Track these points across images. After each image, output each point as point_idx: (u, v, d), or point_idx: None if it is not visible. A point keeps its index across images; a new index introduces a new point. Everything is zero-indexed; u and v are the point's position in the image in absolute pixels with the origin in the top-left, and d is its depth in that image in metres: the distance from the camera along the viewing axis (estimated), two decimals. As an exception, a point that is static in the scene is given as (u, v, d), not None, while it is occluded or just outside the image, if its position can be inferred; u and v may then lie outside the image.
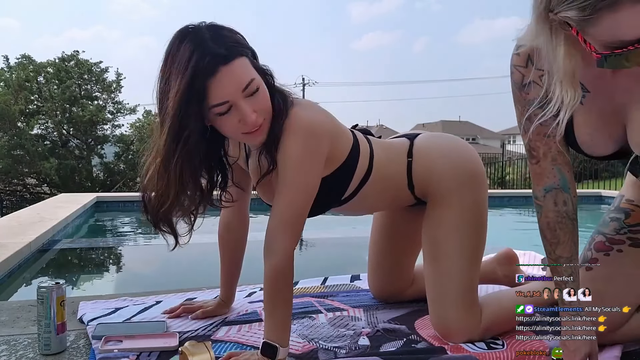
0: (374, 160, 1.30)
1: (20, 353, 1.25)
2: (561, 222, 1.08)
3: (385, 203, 1.43)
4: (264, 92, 1.09)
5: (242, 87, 1.04)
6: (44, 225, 3.56)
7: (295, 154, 1.11)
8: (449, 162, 1.33)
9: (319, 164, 1.15)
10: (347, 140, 1.25)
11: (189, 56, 1.02)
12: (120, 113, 16.09)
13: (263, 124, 1.09)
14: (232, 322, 1.43)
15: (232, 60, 1.03)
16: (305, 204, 1.15)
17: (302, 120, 1.12)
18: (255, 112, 1.06)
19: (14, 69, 14.70)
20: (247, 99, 1.05)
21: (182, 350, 1.10)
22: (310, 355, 1.22)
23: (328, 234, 3.97)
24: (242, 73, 1.04)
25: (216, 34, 1.05)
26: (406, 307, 1.56)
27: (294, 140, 1.11)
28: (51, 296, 1.21)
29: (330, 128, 1.20)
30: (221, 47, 1.03)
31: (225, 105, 1.05)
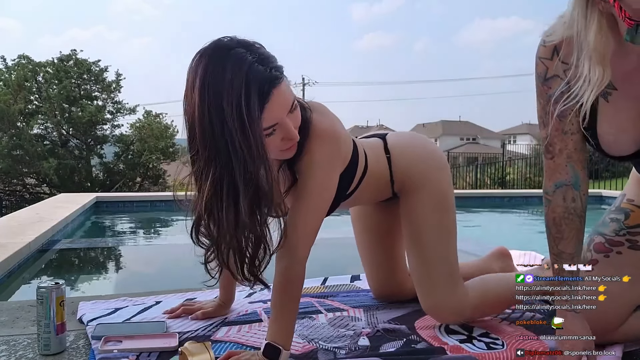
0: (368, 161, 1.35)
1: (20, 353, 1.25)
2: (568, 217, 1.09)
3: (368, 198, 1.48)
4: (298, 106, 1.09)
5: (290, 107, 1.04)
6: (43, 226, 3.56)
7: (321, 160, 1.13)
8: (419, 154, 1.42)
9: (338, 169, 1.19)
10: (350, 142, 1.28)
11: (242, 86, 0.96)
12: (119, 113, 16.09)
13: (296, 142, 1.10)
14: (232, 323, 1.43)
15: (282, 81, 1.01)
16: (326, 209, 1.18)
17: (324, 126, 1.14)
18: (295, 128, 1.06)
19: (12, 69, 14.68)
20: (289, 116, 1.04)
21: (181, 350, 1.10)
22: (310, 356, 1.22)
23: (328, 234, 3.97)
24: (289, 92, 1.04)
25: (258, 54, 1.00)
26: (406, 308, 1.56)
27: (320, 146, 1.12)
28: (51, 296, 1.21)
29: (343, 132, 1.23)
30: (270, 69, 0.99)
31: (275, 126, 1.03)
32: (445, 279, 1.35)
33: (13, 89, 14.06)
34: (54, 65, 15.23)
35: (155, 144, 15.30)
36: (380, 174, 1.39)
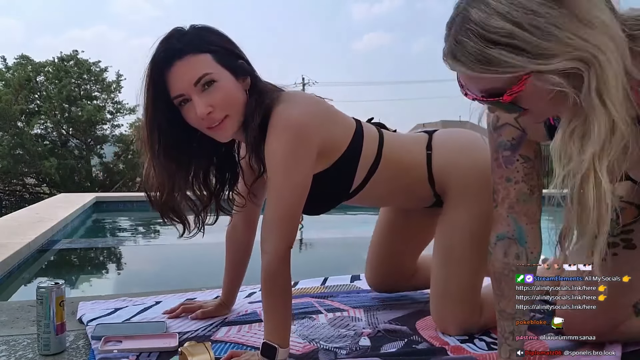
0: (384, 147, 1.27)
1: (20, 353, 1.25)
2: (508, 275, 1.01)
3: (400, 196, 1.39)
4: (225, 88, 1.09)
5: (194, 81, 1.07)
6: (43, 225, 3.56)
7: (279, 154, 1.09)
8: (470, 158, 1.30)
9: (306, 162, 1.12)
10: (346, 129, 1.23)
11: (153, 52, 1.09)
12: (119, 113, 16.09)
13: (226, 120, 1.10)
14: (232, 323, 1.43)
15: (187, 55, 1.06)
16: (294, 204, 1.12)
17: (285, 119, 1.10)
18: (212, 106, 1.08)
19: (13, 69, 14.68)
20: (202, 94, 1.07)
21: (181, 350, 1.10)
22: (311, 356, 1.22)
23: (328, 234, 3.97)
24: (195, 68, 1.07)
25: (186, 32, 1.09)
26: (407, 308, 1.56)
27: (277, 140, 1.09)
28: (50, 296, 1.21)
29: (320, 118, 1.16)
30: (180, 44, 1.07)
31: (181, 97, 1.09)
32: (464, 304, 1.31)
33: (14, 88, 14.06)
34: (54, 65, 15.23)
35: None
36: (408, 168, 1.30)
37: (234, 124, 1.11)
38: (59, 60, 15.30)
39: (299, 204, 1.13)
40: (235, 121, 1.11)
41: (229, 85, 1.09)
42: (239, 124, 1.12)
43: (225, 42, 1.13)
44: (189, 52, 1.07)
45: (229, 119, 1.10)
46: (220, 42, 1.11)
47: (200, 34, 1.10)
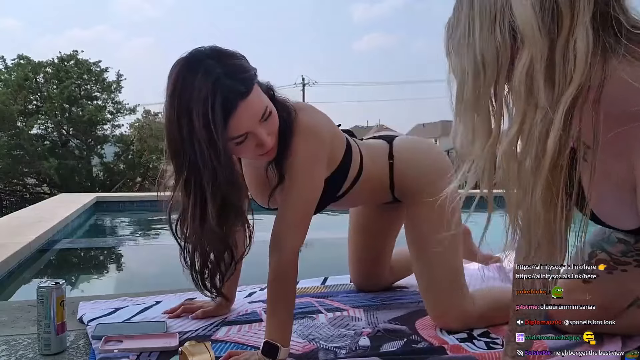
0: (364, 163, 1.36)
1: (20, 353, 1.25)
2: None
3: (365, 200, 1.51)
4: (275, 113, 1.12)
5: (260, 117, 1.07)
6: (43, 225, 3.56)
7: (303, 155, 1.16)
8: (424, 162, 1.42)
9: (323, 164, 1.21)
10: (342, 143, 1.31)
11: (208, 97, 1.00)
12: (120, 113, 16.09)
13: (273, 148, 1.14)
14: (232, 322, 1.43)
15: (248, 95, 1.04)
16: (312, 203, 1.20)
17: (307, 123, 1.17)
18: (269, 134, 1.10)
19: (12, 69, 14.68)
20: (262, 124, 1.09)
21: (182, 350, 1.10)
22: (311, 356, 1.22)
23: (328, 234, 3.97)
24: (259, 103, 1.07)
25: (227, 66, 1.04)
26: (407, 308, 1.56)
27: (302, 142, 1.16)
28: (51, 296, 1.21)
29: (330, 129, 1.26)
30: (237, 82, 1.02)
31: (243, 136, 1.07)
32: (452, 287, 1.37)
33: (13, 89, 14.05)
34: (54, 65, 15.23)
35: (155, 143, 15.30)
36: (379, 179, 1.41)
37: (275, 143, 1.14)
38: (58, 61, 15.30)
39: (315, 204, 1.21)
40: (275, 140, 1.14)
41: (274, 109, 1.12)
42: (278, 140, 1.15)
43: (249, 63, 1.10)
44: (249, 87, 1.04)
45: (274, 138, 1.13)
46: (250, 65, 1.10)
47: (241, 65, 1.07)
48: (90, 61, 15.66)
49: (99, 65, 15.75)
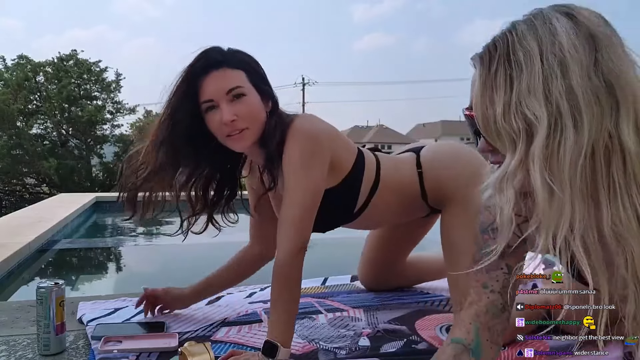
0: (381, 170, 1.35)
1: (20, 353, 1.25)
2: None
3: (399, 215, 1.47)
4: (251, 101, 1.18)
5: (226, 90, 1.16)
6: (43, 225, 3.55)
7: (296, 157, 1.17)
8: (457, 169, 1.38)
9: (321, 166, 1.20)
10: (350, 150, 1.31)
11: (192, 60, 1.18)
12: (119, 113, 16.08)
13: (246, 131, 1.18)
14: (232, 323, 1.43)
15: (224, 67, 1.17)
16: (309, 205, 1.18)
17: (301, 126, 1.20)
18: (236, 115, 1.16)
19: (12, 69, 14.67)
20: (230, 103, 1.16)
21: (181, 350, 1.10)
22: (311, 356, 1.22)
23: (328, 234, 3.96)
24: (230, 79, 1.17)
25: (224, 49, 1.20)
26: (407, 308, 1.56)
27: (294, 144, 1.18)
28: (50, 296, 1.21)
29: (331, 134, 1.25)
30: (220, 56, 1.18)
31: (210, 103, 1.17)
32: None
33: (13, 88, 14.04)
34: (54, 65, 15.21)
35: (155, 143, 15.29)
36: (404, 188, 1.38)
37: (252, 137, 1.20)
38: (58, 60, 15.29)
39: (313, 207, 1.19)
40: (253, 134, 1.19)
41: (255, 101, 1.19)
42: (255, 138, 1.20)
43: (258, 66, 1.23)
44: (227, 65, 1.17)
45: (248, 131, 1.18)
46: (254, 65, 1.22)
47: (237, 54, 1.21)
48: (89, 61, 15.65)
49: (98, 65, 15.74)
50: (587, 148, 0.67)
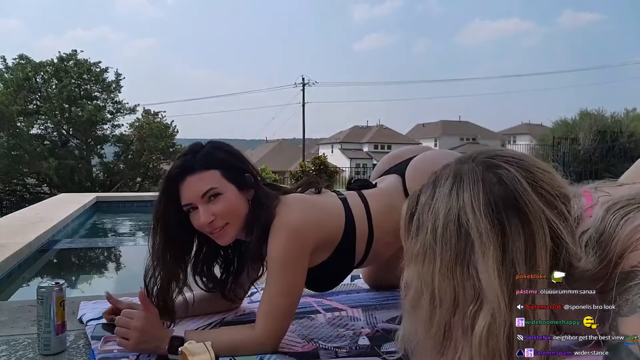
0: (373, 220, 1.37)
1: (20, 353, 1.25)
2: None
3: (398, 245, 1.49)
4: (227, 200, 1.23)
5: (201, 194, 1.21)
6: (43, 225, 3.56)
7: (279, 255, 1.21)
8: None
9: (300, 262, 1.23)
10: (338, 218, 1.34)
11: (170, 167, 1.28)
12: (119, 113, 16.09)
13: (227, 227, 1.24)
14: (231, 323, 1.43)
15: (197, 171, 1.22)
16: (287, 305, 1.22)
17: (282, 220, 1.23)
18: (214, 215, 1.21)
19: (12, 69, 14.67)
20: (207, 204, 1.22)
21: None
22: (311, 355, 1.22)
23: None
24: (204, 182, 1.21)
25: (200, 150, 1.26)
26: (406, 307, 1.56)
27: (277, 241, 1.21)
28: (51, 296, 1.21)
29: (316, 223, 1.28)
30: (193, 160, 1.23)
31: (190, 206, 1.23)
32: None
33: (12, 89, 14.04)
34: (54, 65, 15.22)
35: (155, 143, 15.30)
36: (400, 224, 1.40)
37: (234, 231, 1.25)
38: (58, 60, 15.29)
39: (291, 305, 1.23)
40: (235, 228, 1.25)
41: (231, 197, 1.23)
42: (238, 230, 1.26)
43: (234, 159, 1.28)
44: (200, 168, 1.22)
45: (229, 226, 1.24)
46: (229, 159, 1.27)
47: (211, 152, 1.25)
48: (90, 61, 15.66)
49: (98, 65, 15.75)
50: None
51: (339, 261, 1.36)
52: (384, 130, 44.13)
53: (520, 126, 42.19)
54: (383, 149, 41.07)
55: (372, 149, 40.95)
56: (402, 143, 42.35)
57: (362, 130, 44.67)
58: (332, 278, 1.43)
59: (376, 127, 44.68)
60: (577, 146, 14.62)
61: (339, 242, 1.33)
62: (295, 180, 13.49)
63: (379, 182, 1.52)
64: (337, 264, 1.37)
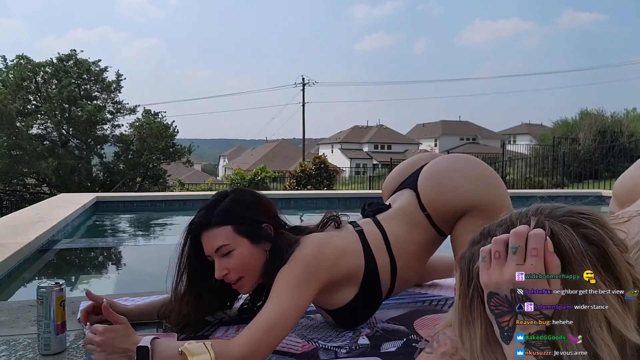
0: (392, 247, 1.38)
1: (20, 353, 1.25)
2: None
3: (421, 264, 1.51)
4: (239, 256, 1.26)
5: (214, 250, 1.26)
6: (43, 225, 3.55)
7: (286, 279, 1.21)
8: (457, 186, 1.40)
9: (305, 291, 1.21)
10: (357, 254, 1.34)
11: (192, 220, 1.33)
12: (120, 113, 16.08)
13: (242, 280, 1.28)
14: (230, 322, 1.43)
15: (211, 228, 1.27)
16: (280, 332, 1.16)
17: (298, 254, 1.24)
18: (227, 269, 1.26)
19: (11, 69, 14.66)
20: (221, 259, 1.27)
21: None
22: (311, 355, 1.23)
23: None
24: (217, 239, 1.26)
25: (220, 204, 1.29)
26: (405, 308, 1.57)
27: (286, 267, 1.23)
28: (51, 296, 1.21)
29: (332, 258, 1.28)
30: (209, 216, 1.28)
31: (209, 258, 1.29)
32: None
33: (11, 89, 14.03)
34: (53, 65, 15.20)
35: (155, 143, 15.30)
36: (422, 242, 1.43)
37: (250, 282, 1.30)
38: (57, 60, 15.28)
39: (285, 329, 1.17)
40: (250, 280, 1.29)
41: (243, 253, 1.27)
42: (255, 281, 1.30)
43: (250, 211, 1.31)
44: (214, 225, 1.27)
45: (244, 279, 1.28)
46: (244, 212, 1.30)
47: (227, 207, 1.29)
48: (89, 61, 15.65)
49: (98, 65, 15.74)
50: None
51: (368, 297, 1.36)
52: (384, 130, 44.11)
53: (520, 126, 42.18)
54: (383, 149, 41.06)
55: (372, 149, 40.94)
56: (402, 143, 42.36)
57: (362, 130, 44.67)
58: (362, 313, 1.41)
59: (376, 127, 44.67)
60: (577, 146, 14.62)
61: (362, 277, 1.33)
62: (295, 180, 13.48)
63: (393, 201, 1.51)
64: (366, 300, 1.37)
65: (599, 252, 0.67)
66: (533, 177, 12.59)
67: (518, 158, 14.07)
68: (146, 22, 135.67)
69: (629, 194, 1.20)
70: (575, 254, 0.67)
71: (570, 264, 0.67)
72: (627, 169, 1.33)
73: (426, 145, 41.42)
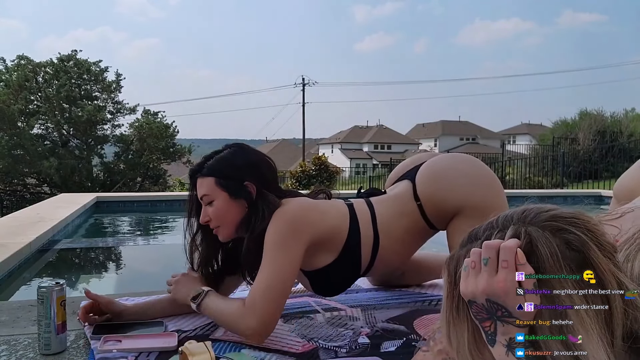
0: (378, 225, 1.40)
1: (21, 353, 1.25)
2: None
3: (410, 252, 1.54)
4: (218, 206, 1.34)
5: (200, 197, 1.37)
6: (44, 225, 3.55)
7: (272, 239, 1.27)
8: (455, 184, 1.41)
9: (294, 249, 1.27)
10: (342, 219, 1.38)
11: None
12: (120, 113, 16.09)
13: (219, 229, 1.36)
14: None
15: (201, 177, 1.37)
16: (278, 292, 1.25)
17: (283, 212, 1.30)
18: (209, 216, 1.35)
19: (12, 69, 14.67)
20: (206, 206, 1.36)
21: (182, 350, 1.11)
22: (311, 354, 1.23)
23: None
24: (202, 188, 1.36)
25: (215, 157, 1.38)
26: (404, 307, 1.57)
27: (272, 226, 1.29)
28: (51, 296, 1.21)
29: (314, 218, 1.33)
30: (202, 166, 1.38)
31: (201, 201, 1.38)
32: None
33: (13, 89, 14.05)
34: (54, 65, 15.21)
35: (155, 143, 15.30)
36: (408, 230, 1.44)
37: (226, 232, 1.37)
38: (58, 61, 15.29)
39: (282, 292, 1.26)
40: (226, 230, 1.37)
41: (221, 205, 1.35)
42: (231, 232, 1.37)
43: (235, 168, 1.37)
44: (203, 174, 1.37)
45: (221, 228, 1.37)
46: (227, 169, 1.36)
47: (219, 160, 1.38)
48: (89, 61, 15.65)
49: (98, 65, 15.75)
50: None
51: (346, 265, 1.39)
52: (384, 130, 44.11)
53: (520, 126, 42.19)
54: (383, 149, 41.06)
55: (372, 149, 40.94)
56: (402, 143, 42.36)
57: (362, 130, 44.66)
58: (339, 282, 1.46)
59: (376, 127, 44.66)
60: (576, 146, 14.62)
61: (343, 244, 1.36)
62: (295, 181, 13.48)
63: (389, 189, 1.54)
64: (344, 268, 1.40)
65: (579, 257, 0.67)
66: (533, 177, 12.59)
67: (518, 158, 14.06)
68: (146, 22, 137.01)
69: (629, 194, 1.20)
70: (552, 262, 0.67)
71: (545, 271, 0.67)
72: (627, 170, 1.34)
73: (426, 145, 41.44)
